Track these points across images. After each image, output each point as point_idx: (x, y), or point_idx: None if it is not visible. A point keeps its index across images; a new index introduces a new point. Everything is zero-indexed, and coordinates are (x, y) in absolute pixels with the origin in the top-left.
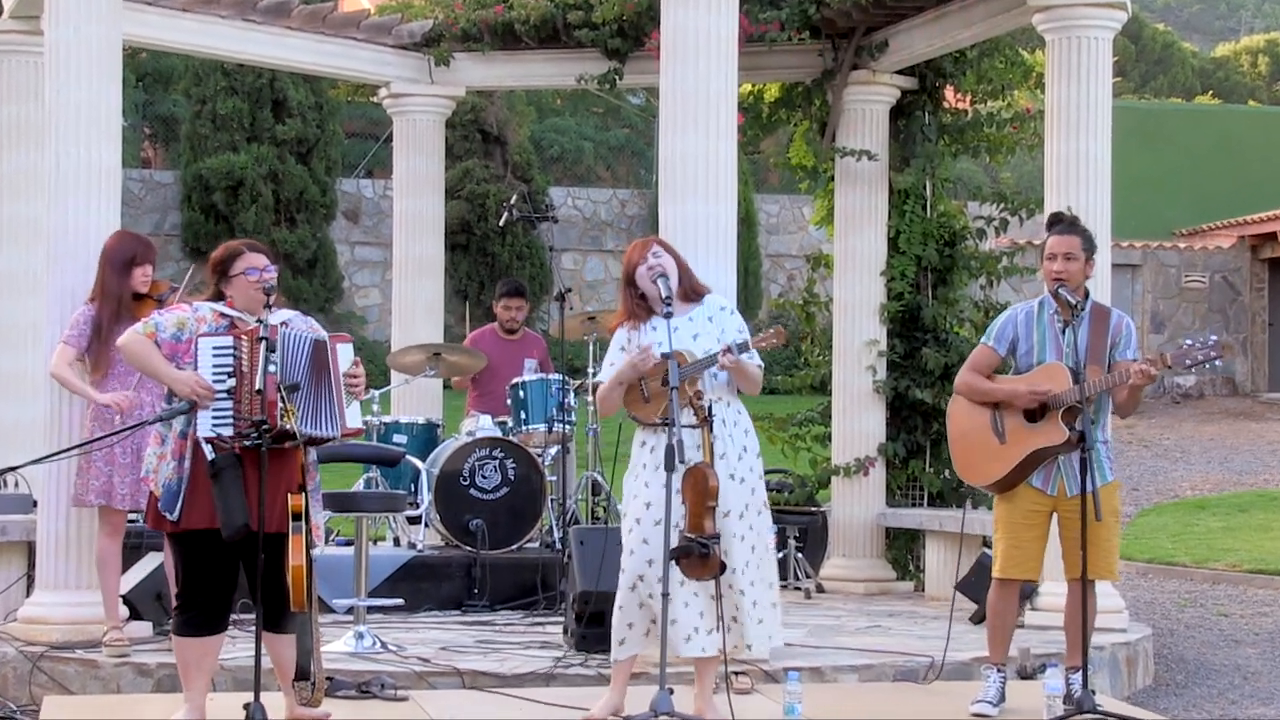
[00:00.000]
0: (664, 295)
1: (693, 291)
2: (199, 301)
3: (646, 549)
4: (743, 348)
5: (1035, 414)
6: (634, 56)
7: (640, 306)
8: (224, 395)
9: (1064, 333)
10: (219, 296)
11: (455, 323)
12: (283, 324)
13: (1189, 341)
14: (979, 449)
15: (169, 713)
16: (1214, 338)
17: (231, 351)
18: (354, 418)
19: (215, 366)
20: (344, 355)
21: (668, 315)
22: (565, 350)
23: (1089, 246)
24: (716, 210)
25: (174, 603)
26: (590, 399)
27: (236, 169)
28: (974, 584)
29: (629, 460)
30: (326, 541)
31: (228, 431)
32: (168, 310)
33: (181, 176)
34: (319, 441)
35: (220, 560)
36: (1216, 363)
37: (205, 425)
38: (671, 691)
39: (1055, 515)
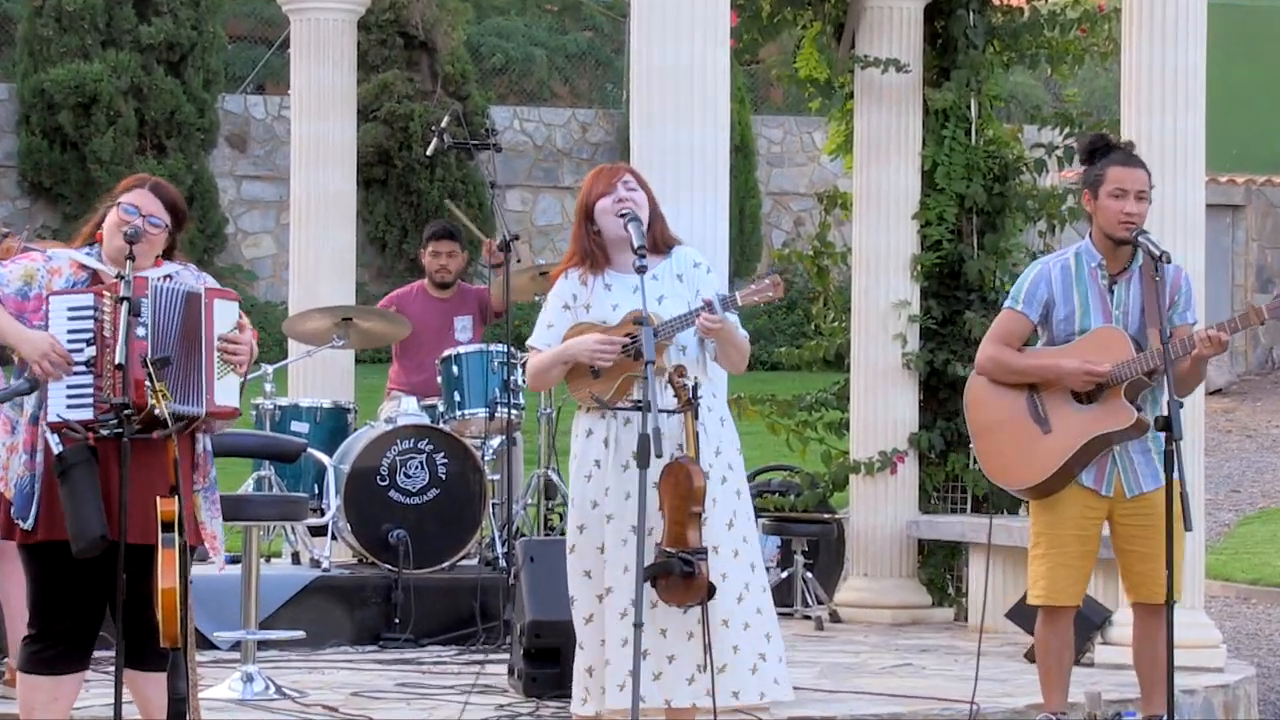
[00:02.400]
0: (636, 245)
1: (661, 241)
2: (55, 248)
3: (606, 571)
4: (728, 304)
5: (1085, 393)
6: None
7: (597, 250)
8: (82, 368)
9: (1112, 290)
10: (93, 241)
11: (370, 279)
12: (165, 278)
13: None
14: (1016, 442)
15: None
16: None
17: (92, 313)
18: (227, 393)
19: (71, 332)
20: (223, 315)
21: (641, 270)
22: (511, 315)
23: (1151, 184)
24: (704, 136)
25: (25, 631)
26: None
27: (88, 82)
28: (1029, 611)
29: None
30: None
31: (87, 414)
32: (12, 260)
33: (17, 91)
34: (183, 422)
35: (85, 580)
36: None
37: (58, 406)
38: None
39: (1108, 524)
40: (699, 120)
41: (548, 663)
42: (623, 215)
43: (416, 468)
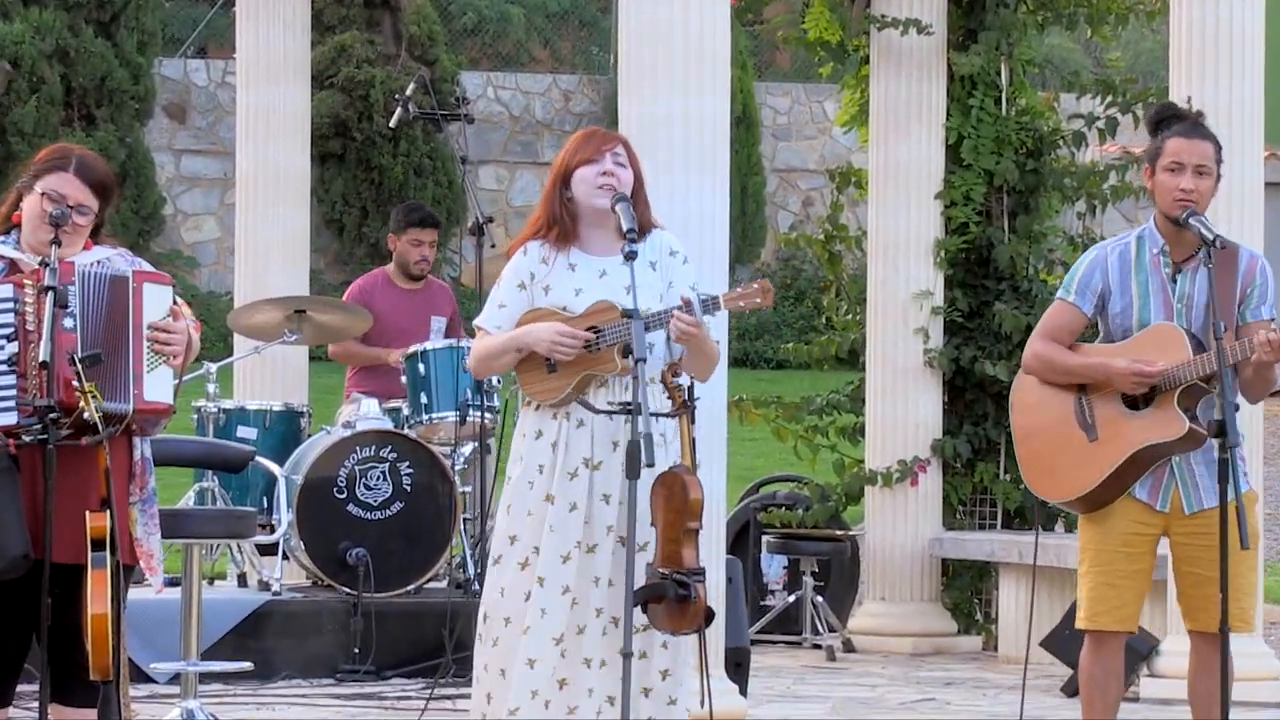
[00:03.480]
0: (626, 228)
1: (641, 225)
2: None
3: (560, 610)
4: (710, 306)
5: (1138, 398)
6: None
7: (569, 221)
8: (2, 367)
9: (1175, 281)
10: (9, 226)
11: (326, 266)
12: (96, 264)
13: None
14: (1060, 449)
15: None
16: None
17: (12, 305)
18: (159, 388)
19: None
20: (153, 300)
21: (630, 256)
22: (484, 306)
23: (1220, 158)
24: (701, 106)
25: None
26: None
27: (8, 44)
28: (1066, 640)
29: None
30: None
31: (9, 419)
32: None
33: None
34: (115, 425)
35: (5, 604)
36: None
37: None
38: None
39: (1166, 541)
40: (696, 88)
41: None
42: (609, 195)
43: (378, 478)
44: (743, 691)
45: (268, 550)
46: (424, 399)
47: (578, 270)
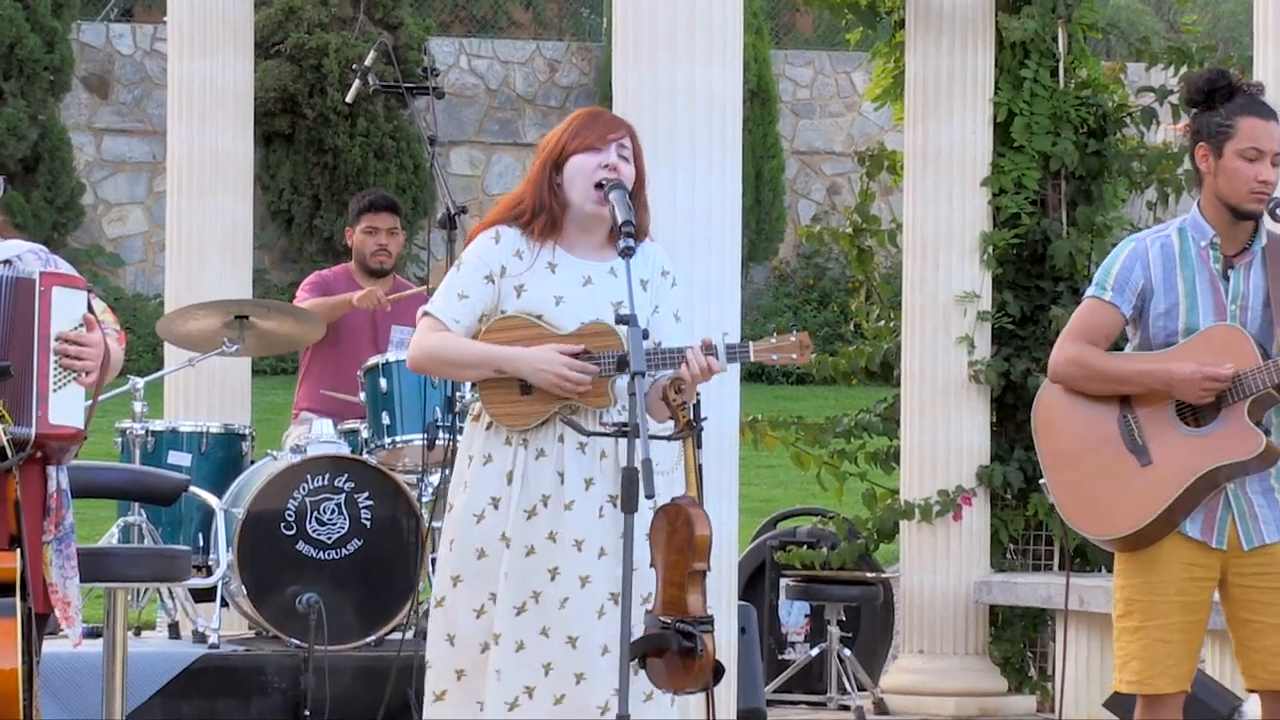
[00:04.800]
0: (621, 219)
1: (637, 230)
2: None
3: (494, 651)
4: (737, 355)
5: (1194, 412)
6: None
7: (557, 209)
8: None
9: (1226, 278)
10: None
11: (273, 265)
12: (4, 264)
13: None
14: (1104, 476)
15: None
16: None
17: None
18: (66, 409)
19: None
20: (63, 307)
21: (627, 252)
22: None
23: None
24: (709, 77)
25: None
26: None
27: None
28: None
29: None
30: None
31: None
32: None
33: None
34: (23, 451)
35: None
36: None
37: None
38: None
39: (1220, 587)
40: (702, 56)
41: None
42: (610, 191)
43: (333, 512)
44: None
45: (204, 596)
46: (386, 419)
47: (559, 272)
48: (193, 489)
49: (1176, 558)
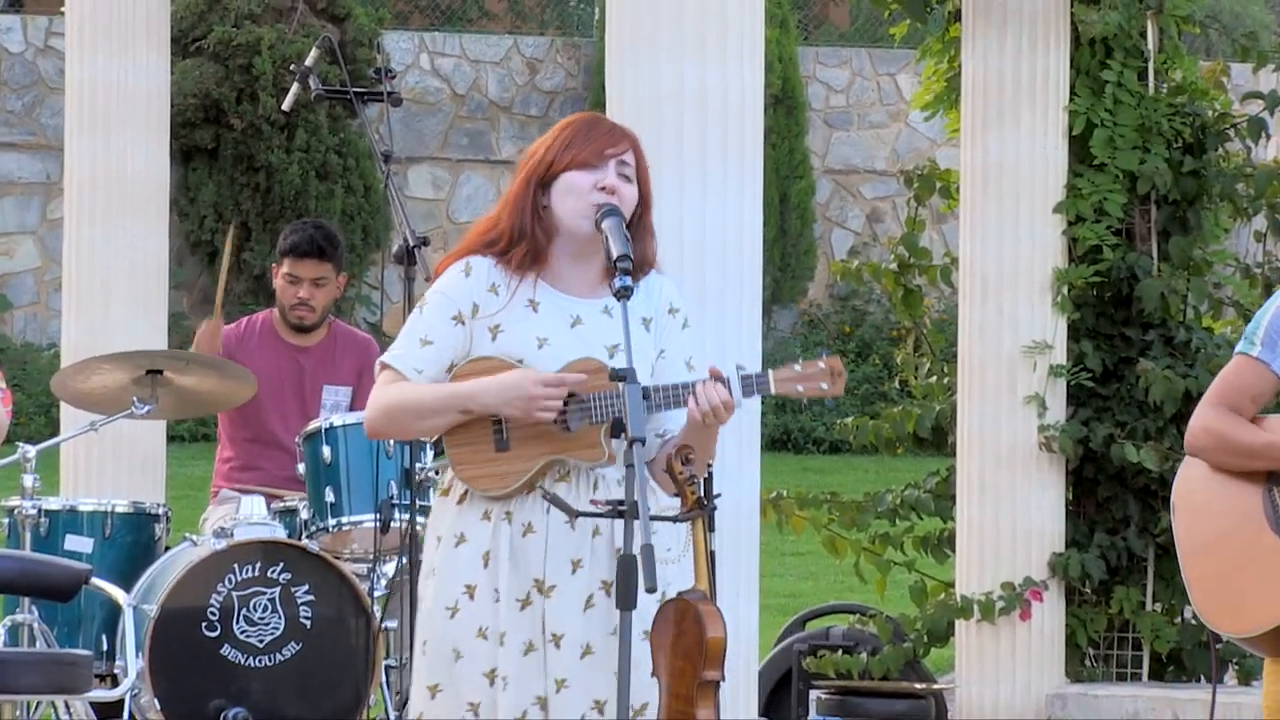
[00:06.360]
0: (616, 254)
1: (639, 261)
2: None
3: None
4: (755, 387)
5: None
6: None
7: (542, 239)
8: None
9: None
10: None
11: (191, 307)
12: None
13: None
14: (1246, 564)
15: None
16: None
17: None
18: None
19: None
20: None
21: (623, 293)
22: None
23: None
24: (723, 78)
25: None
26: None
27: None
28: None
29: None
30: None
31: None
32: None
33: None
34: None
35: None
36: None
37: None
38: None
39: None
40: (715, 53)
41: None
42: (603, 215)
43: (266, 609)
44: None
45: (109, 711)
46: (330, 496)
47: (542, 311)
48: (94, 581)
49: None
